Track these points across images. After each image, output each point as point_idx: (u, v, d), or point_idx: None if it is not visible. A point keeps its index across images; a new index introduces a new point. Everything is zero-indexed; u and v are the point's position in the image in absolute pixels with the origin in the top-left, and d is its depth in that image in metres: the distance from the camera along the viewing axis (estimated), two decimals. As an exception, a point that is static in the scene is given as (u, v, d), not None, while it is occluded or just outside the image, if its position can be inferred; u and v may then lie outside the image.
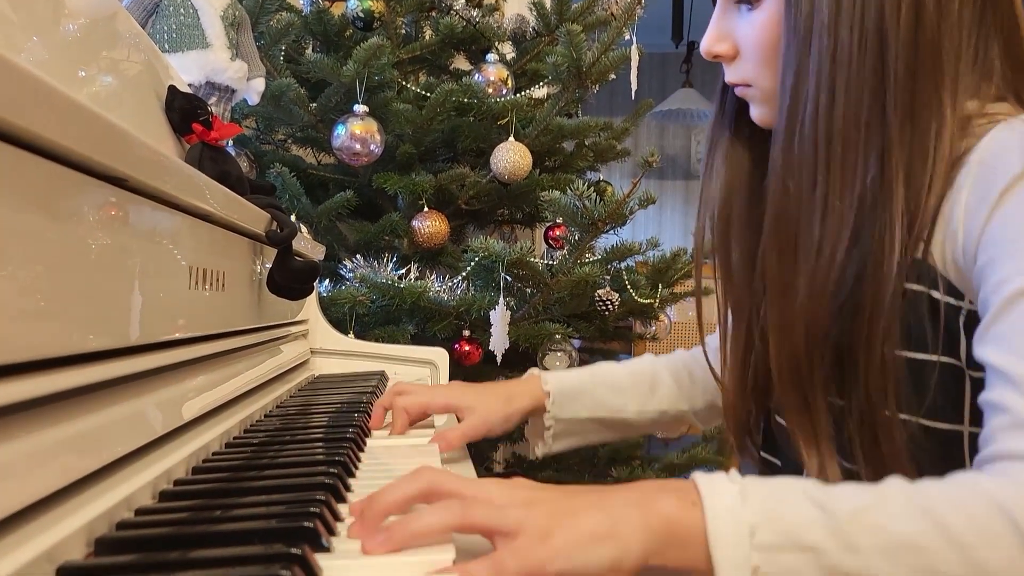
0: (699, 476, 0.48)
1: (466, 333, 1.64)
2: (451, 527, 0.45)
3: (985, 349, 0.54)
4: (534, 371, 0.92)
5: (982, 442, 0.52)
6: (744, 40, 0.69)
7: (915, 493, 0.46)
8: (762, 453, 0.77)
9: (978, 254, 0.56)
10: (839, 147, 0.61)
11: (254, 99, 1.35)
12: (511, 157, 1.65)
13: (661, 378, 0.93)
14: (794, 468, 0.69)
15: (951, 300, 0.59)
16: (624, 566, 0.44)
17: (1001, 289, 0.53)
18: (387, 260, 1.65)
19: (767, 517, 0.45)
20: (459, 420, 0.84)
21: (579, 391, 0.90)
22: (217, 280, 0.73)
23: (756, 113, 0.72)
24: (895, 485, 0.48)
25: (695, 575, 0.46)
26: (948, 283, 0.59)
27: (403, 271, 1.69)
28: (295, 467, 0.60)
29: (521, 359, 1.70)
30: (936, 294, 0.59)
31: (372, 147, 1.59)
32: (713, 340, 0.95)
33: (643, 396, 0.91)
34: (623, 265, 1.81)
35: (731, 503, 0.46)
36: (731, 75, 0.72)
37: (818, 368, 0.63)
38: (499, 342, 1.55)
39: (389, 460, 0.69)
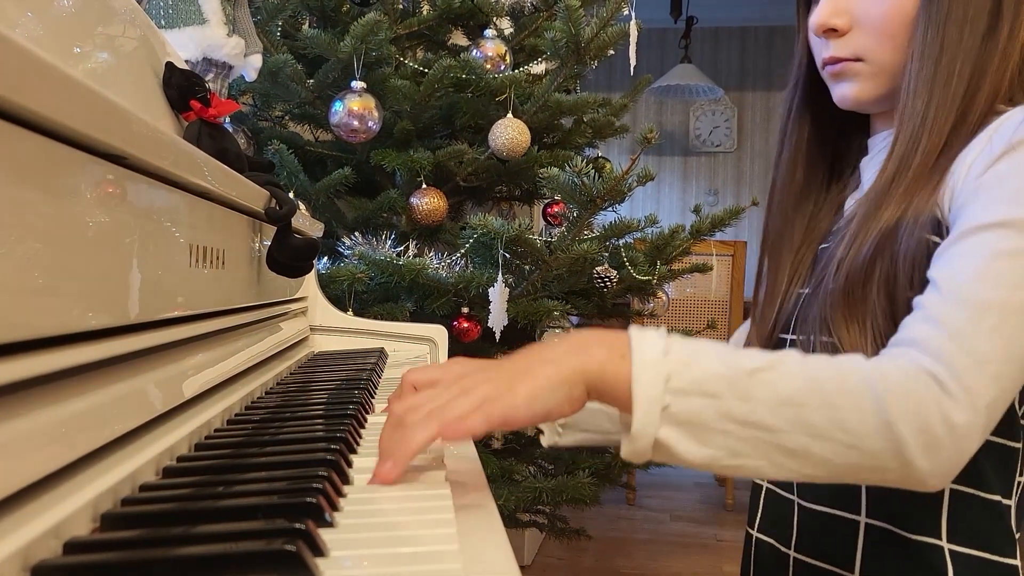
0: (633, 331, 0.57)
1: (465, 310, 1.64)
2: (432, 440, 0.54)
3: (931, 271, 0.62)
4: None
5: (899, 331, 0.61)
6: (866, 13, 0.72)
7: (807, 363, 0.56)
8: None
9: (962, 202, 0.63)
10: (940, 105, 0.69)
11: (251, 75, 1.34)
12: (509, 133, 1.64)
13: None
14: None
15: None
16: (575, 395, 0.55)
17: (961, 227, 0.61)
18: (385, 237, 1.65)
19: (682, 368, 0.54)
20: None
21: None
22: (217, 258, 0.73)
23: (855, 89, 0.74)
24: (792, 354, 0.57)
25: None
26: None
27: (401, 248, 1.69)
28: (297, 443, 0.60)
29: (519, 336, 1.70)
30: (936, 239, 0.65)
31: (370, 123, 1.58)
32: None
33: None
34: (621, 242, 1.81)
35: (654, 356, 0.55)
36: (841, 50, 0.73)
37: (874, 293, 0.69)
38: (498, 319, 1.55)
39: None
